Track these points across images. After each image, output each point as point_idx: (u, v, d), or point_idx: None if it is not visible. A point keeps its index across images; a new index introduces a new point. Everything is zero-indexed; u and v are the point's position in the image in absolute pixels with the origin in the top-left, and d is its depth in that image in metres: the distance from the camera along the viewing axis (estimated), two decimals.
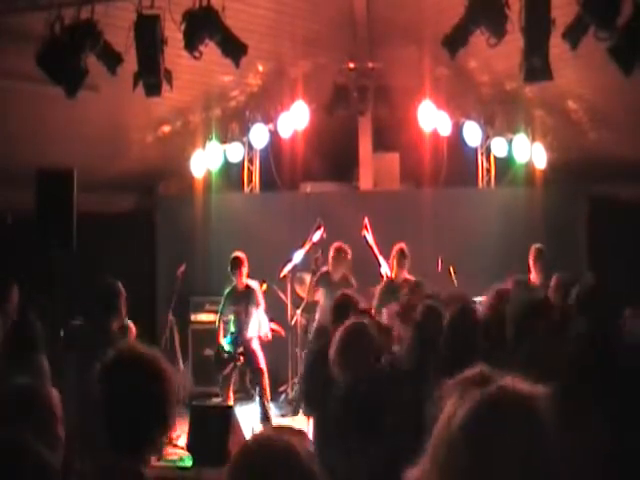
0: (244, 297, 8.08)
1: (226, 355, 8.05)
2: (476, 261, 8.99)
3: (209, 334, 8.83)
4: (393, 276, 8.09)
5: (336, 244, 8.29)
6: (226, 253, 8.70)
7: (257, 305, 8.06)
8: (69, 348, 5.73)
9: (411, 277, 7.88)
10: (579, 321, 4.08)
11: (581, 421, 1.65)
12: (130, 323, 5.84)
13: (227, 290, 8.25)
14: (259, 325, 8.10)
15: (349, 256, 8.21)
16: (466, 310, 4.35)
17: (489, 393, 1.48)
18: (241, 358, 8.01)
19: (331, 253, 8.25)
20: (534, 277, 8.01)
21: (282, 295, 9.12)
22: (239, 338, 8.06)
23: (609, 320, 4.22)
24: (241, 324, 8.06)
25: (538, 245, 8.30)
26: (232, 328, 8.15)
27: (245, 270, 8.11)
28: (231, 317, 8.17)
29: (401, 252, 8.01)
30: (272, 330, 8.29)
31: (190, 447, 6.63)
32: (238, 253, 8.17)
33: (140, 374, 2.21)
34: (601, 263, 9.05)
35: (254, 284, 8.23)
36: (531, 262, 8.19)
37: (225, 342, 8.11)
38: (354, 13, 9.16)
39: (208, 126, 10.03)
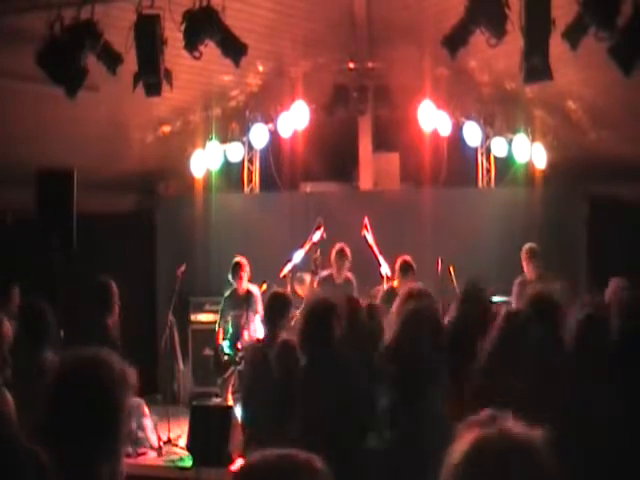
0: (244, 301, 8.07)
1: (225, 358, 8.05)
2: (476, 261, 8.98)
3: (209, 334, 8.82)
4: (396, 285, 7.93)
5: (338, 245, 8.28)
6: (226, 253, 8.70)
7: (255, 312, 8.07)
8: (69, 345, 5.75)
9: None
10: None
11: None
12: None
13: (227, 294, 8.25)
14: (257, 331, 8.11)
15: (350, 257, 8.21)
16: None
17: (487, 434, 1.48)
18: (241, 362, 8.00)
19: (334, 255, 8.24)
20: (529, 277, 8.01)
21: None
22: (239, 341, 8.05)
23: None
24: (241, 328, 8.05)
25: (529, 244, 8.31)
26: (231, 329, 8.15)
27: (246, 276, 8.11)
28: (229, 319, 8.17)
29: (405, 265, 7.83)
30: None
31: (190, 447, 6.64)
32: (239, 258, 8.17)
33: (84, 389, 2.03)
34: (601, 263, 9.05)
35: (255, 289, 8.22)
36: (524, 262, 8.19)
37: (225, 345, 8.11)
38: (354, 13, 9.15)
39: (208, 126, 10.03)
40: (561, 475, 1.46)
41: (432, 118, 9.79)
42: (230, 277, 8.16)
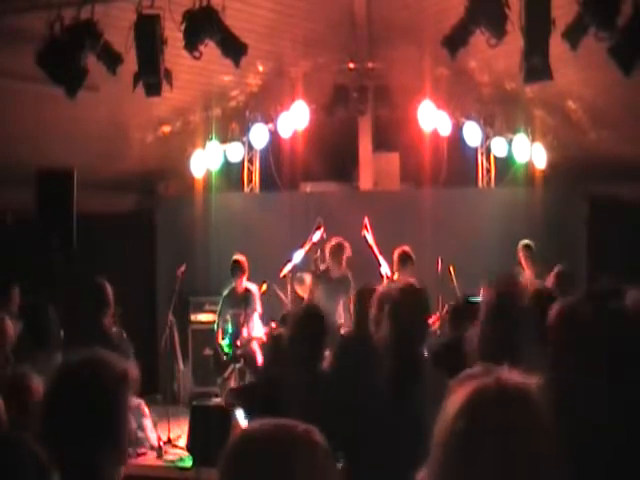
0: (243, 300, 8.08)
1: (225, 357, 8.06)
2: (476, 261, 8.97)
3: (209, 334, 8.83)
4: (394, 278, 7.94)
5: (334, 239, 8.22)
6: (226, 253, 8.69)
7: (253, 310, 8.07)
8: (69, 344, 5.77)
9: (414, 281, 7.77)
10: None
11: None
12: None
13: (225, 292, 8.25)
14: (256, 329, 8.11)
15: (347, 251, 8.12)
16: None
17: (484, 384, 1.48)
18: (241, 360, 8.00)
19: (329, 248, 8.18)
20: (528, 274, 8.02)
21: (282, 295, 9.12)
22: (238, 340, 8.06)
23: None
24: (239, 326, 8.06)
25: (525, 241, 8.31)
26: (230, 328, 8.16)
27: (245, 274, 8.12)
28: (229, 318, 8.18)
29: (403, 255, 7.81)
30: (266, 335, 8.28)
31: (190, 447, 6.64)
32: (238, 256, 8.17)
33: (84, 389, 2.04)
34: (601, 263, 9.05)
35: (253, 288, 8.22)
36: (522, 260, 8.19)
37: (224, 344, 8.11)
38: (354, 13, 9.16)
39: (208, 126, 10.02)
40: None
41: (432, 118, 9.79)
42: (230, 275, 8.17)
